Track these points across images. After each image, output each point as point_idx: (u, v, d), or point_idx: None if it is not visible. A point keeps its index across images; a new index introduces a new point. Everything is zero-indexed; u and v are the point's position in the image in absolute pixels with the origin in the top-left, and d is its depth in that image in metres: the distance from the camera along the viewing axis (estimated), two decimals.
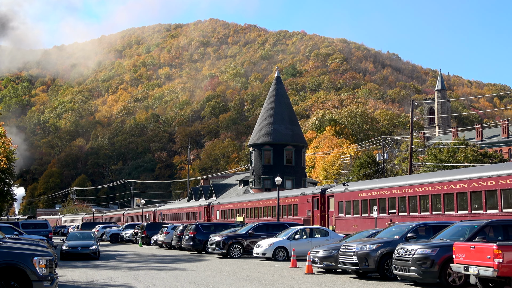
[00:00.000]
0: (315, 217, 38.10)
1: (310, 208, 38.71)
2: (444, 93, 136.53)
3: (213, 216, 58.42)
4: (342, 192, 35.19)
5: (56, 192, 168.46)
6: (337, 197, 35.74)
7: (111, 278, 20.08)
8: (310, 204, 38.86)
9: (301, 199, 40.35)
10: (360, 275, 19.95)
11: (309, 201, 39.08)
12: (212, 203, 59.46)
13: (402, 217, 28.66)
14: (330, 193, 37.01)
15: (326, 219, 37.06)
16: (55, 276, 12.94)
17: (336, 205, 35.66)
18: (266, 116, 63.29)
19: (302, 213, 39.79)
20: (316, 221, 37.55)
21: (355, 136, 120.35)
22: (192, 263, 26.69)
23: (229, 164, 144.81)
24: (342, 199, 34.99)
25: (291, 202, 42.17)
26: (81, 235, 32.72)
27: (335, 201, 35.78)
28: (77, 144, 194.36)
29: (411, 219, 27.64)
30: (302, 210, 39.87)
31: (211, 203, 60.16)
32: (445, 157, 59.20)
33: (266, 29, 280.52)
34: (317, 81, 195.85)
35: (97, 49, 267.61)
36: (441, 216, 26.60)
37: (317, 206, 38.09)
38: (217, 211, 57.36)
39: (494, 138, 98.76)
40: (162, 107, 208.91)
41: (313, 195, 38.50)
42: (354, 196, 33.70)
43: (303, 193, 40.40)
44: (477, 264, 14.56)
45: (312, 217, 38.24)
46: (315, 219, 37.99)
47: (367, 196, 32.40)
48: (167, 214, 76.00)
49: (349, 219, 33.50)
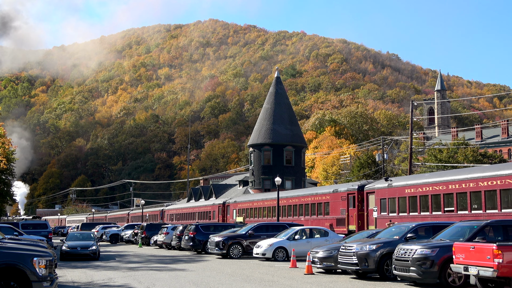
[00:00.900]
0: (351, 216, 34.74)
1: (345, 206, 35.19)
2: (443, 93, 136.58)
3: (228, 215, 55.25)
4: (385, 188, 31.56)
5: (56, 193, 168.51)
6: (379, 193, 32.12)
7: (111, 278, 20.08)
8: (344, 202, 35.33)
9: (334, 196, 36.79)
10: (360, 276, 19.94)
11: (343, 198, 35.52)
12: (228, 202, 56.31)
13: (461, 215, 25.16)
14: (369, 189, 33.36)
15: (365, 218, 33.37)
16: (55, 277, 12.94)
17: (377, 203, 32.20)
18: (265, 116, 63.30)
19: (334, 212, 36.37)
20: (352, 220, 34.34)
21: (354, 136, 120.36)
22: (192, 264, 26.69)
23: (228, 165, 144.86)
24: (385, 196, 31.43)
25: (320, 200, 38.54)
26: (81, 236, 32.72)
27: (376, 199, 32.26)
28: (77, 144, 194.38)
29: (473, 217, 23.63)
30: (334, 209, 36.42)
31: (226, 201, 56.89)
32: (444, 158, 59.22)
33: (266, 30, 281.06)
34: (316, 82, 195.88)
35: (97, 49, 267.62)
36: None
37: (353, 204, 34.54)
38: (233, 210, 54.16)
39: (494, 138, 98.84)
40: (162, 107, 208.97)
41: (349, 192, 35.08)
42: (400, 192, 30.14)
43: (336, 190, 36.78)
44: (477, 264, 14.56)
45: (347, 217, 34.78)
46: (350, 219, 34.71)
47: (416, 192, 28.88)
48: (176, 214, 72.65)
49: (394, 218, 29.82)
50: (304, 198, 41.03)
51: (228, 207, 55.72)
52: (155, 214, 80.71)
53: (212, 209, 59.52)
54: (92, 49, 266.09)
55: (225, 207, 56.30)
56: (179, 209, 72.91)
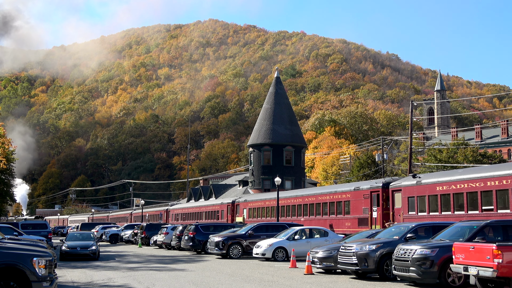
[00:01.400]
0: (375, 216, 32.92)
1: (368, 205, 33.27)
2: (443, 93, 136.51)
3: (238, 215, 53.14)
4: (413, 186, 29.56)
5: (56, 193, 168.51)
6: (406, 191, 30.08)
7: (111, 278, 20.08)
8: (367, 201, 33.37)
9: (355, 194, 34.79)
10: (359, 276, 19.94)
11: (366, 196, 33.54)
12: (238, 201, 53.98)
13: (502, 215, 23.27)
14: (395, 187, 31.30)
15: (391, 218, 31.36)
16: (55, 277, 12.94)
17: (404, 202, 30.10)
18: (265, 116, 63.30)
19: (356, 211, 34.33)
20: (376, 220, 32.33)
21: (354, 136, 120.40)
22: (192, 264, 26.69)
23: (228, 165, 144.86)
24: (413, 194, 29.42)
25: (340, 198, 36.39)
26: (81, 236, 32.72)
27: (403, 197, 30.26)
28: (76, 144, 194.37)
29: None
30: (356, 208, 34.38)
31: (235, 200, 54.63)
32: (444, 158, 59.20)
33: (266, 30, 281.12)
34: (316, 82, 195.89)
35: (97, 49, 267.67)
36: None
37: (377, 203, 32.63)
38: (243, 210, 51.83)
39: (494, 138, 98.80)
40: (162, 107, 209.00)
41: (372, 190, 33.07)
42: (431, 190, 28.08)
43: (358, 188, 34.83)
44: (477, 264, 14.56)
45: (371, 216, 32.93)
46: (374, 219, 32.89)
47: (449, 189, 26.87)
48: (182, 214, 70.13)
49: (424, 218, 27.75)
50: (321, 196, 39.00)
51: (238, 207, 53.70)
52: (159, 214, 79.01)
53: (221, 209, 57.32)
54: (92, 49, 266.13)
55: (235, 207, 54.30)
56: (184, 209, 70.60)
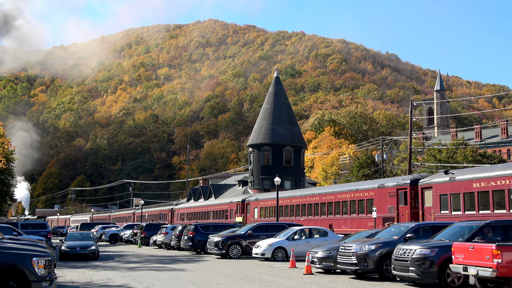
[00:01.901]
0: (402, 214, 30.87)
1: (394, 203, 31.50)
2: (443, 93, 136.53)
3: (249, 214, 51.05)
4: (446, 183, 27.58)
5: (55, 193, 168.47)
6: (438, 189, 28.12)
7: (110, 278, 20.08)
8: (393, 199, 31.62)
9: (379, 192, 33.10)
10: (359, 276, 19.95)
11: (391, 194, 31.86)
12: (248, 200, 51.91)
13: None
14: (425, 184, 29.34)
15: (421, 217, 29.39)
16: (54, 277, 12.94)
17: (436, 200, 28.09)
18: (265, 116, 63.32)
19: (380, 210, 32.62)
20: (404, 219, 30.37)
21: (354, 136, 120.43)
22: (191, 264, 26.69)
23: (228, 165, 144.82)
24: (446, 192, 27.47)
25: (362, 197, 34.71)
26: (80, 236, 32.73)
27: (434, 194, 28.31)
28: (76, 144, 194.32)
29: None
30: (380, 206, 32.68)
31: (246, 199, 52.58)
32: (444, 158, 59.19)
33: (265, 30, 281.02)
34: (316, 82, 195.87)
35: (97, 49, 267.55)
36: None
37: (404, 201, 30.81)
38: (254, 209, 49.73)
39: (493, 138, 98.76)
40: (161, 107, 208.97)
41: (398, 187, 31.33)
42: (466, 187, 26.05)
43: (382, 185, 33.06)
44: (476, 264, 14.56)
45: (397, 215, 31.04)
46: (401, 218, 30.79)
47: (488, 186, 24.85)
48: (188, 213, 67.90)
49: (459, 217, 25.51)
50: (340, 194, 37.05)
51: (248, 206, 51.63)
52: (163, 214, 77.14)
53: (230, 208, 55.35)
54: (91, 49, 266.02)
55: (245, 206, 52.31)
56: (190, 208, 68.05)
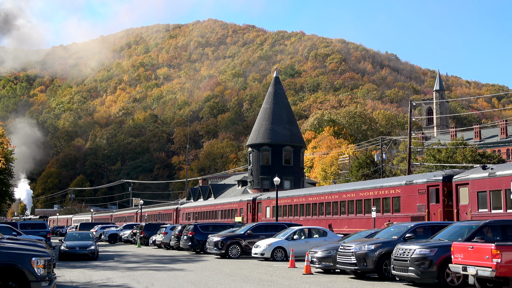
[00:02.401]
0: (433, 213, 28.53)
1: (424, 201, 29.26)
2: (442, 93, 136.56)
3: (260, 214, 48.67)
4: (485, 179, 25.44)
5: (55, 193, 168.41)
6: (475, 185, 25.91)
7: (110, 278, 20.08)
8: (423, 197, 29.37)
9: (407, 189, 30.76)
10: (358, 276, 19.95)
11: (421, 192, 29.53)
12: (260, 198, 49.47)
13: None
14: (460, 180, 27.01)
15: (455, 216, 27.06)
16: (53, 277, 12.94)
17: (473, 197, 25.95)
18: (264, 116, 63.33)
19: (408, 208, 30.41)
20: (436, 218, 28.04)
21: (353, 136, 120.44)
22: (191, 264, 26.69)
23: (227, 165, 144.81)
24: (485, 188, 25.36)
25: (388, 194, 32.38)
26: (80, 236, 32.72)
27: (471, 192, 26.12)
28: (75, 144, 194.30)
29: None
30: (408, 205, 30.47)
31: (257, 197, 50.03)
32: (443, 158, 59.20)
33: (265, 30, 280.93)
34: (315, 82, 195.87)
35: (96, 49, 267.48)
36: None
37: (435, 199, 28.46)
38: (266, 208, 47.43)
39: (493, 138, 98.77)
40: (161, 107, 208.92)
41: (429, 184, 28.92)
42: (508, 183, 23.39)
43: (411, 182, 30.67)
44: (476, 264, 14.56)
45: (428, 214, 28.77)
46: (432, 217, 28.48)
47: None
48: (194, 213, 65.39)
49: (500, 215, 23.83)
50: (362, 192, 35.01)
51: (260, 204, 49.19)
52: (168, 213, 74.74)
53: (239, 207, 52.83)
54: (91, 49, 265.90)
55: (256, 204, 49.74)
56: (197, 207, 65.59)
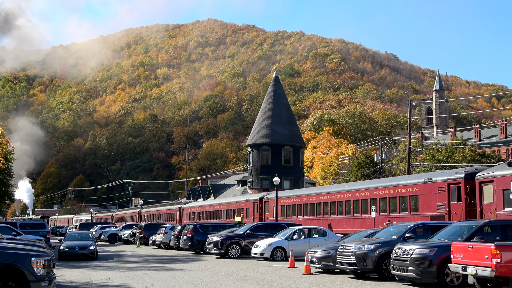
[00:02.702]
0: (455, 212, 27.13)
1: (444, 200, 27.76)
2: (442, 93, 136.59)
3: (267, 213, 47.16)
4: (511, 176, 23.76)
5: (54, 193, 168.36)
6: (501, 183, 24.27)
7: (109, 278, 20.07)
8: (443, 195, 27.83)
9: (426, 187, 29.21)
10: (358, 275, 19.96)
11: (441, 190, 27.99)
12: (267, 197, 47.94)
13: None
14: (484, 177, 25.47)
15: (479, 215, 25.72)
16: (53, 277, 12.94)
17: (498, 196, 24.45)
18: (264, 116, 63.33)
19: (427, 207, 28.90)
20: (457, 218, 26.50)
21: (353, 136, 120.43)
22: (190, 263, 26.69)
23: (227, 164, 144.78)
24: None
25: (405, 193, 30.93)
26: (79, 236, 32.71)
27: (496, 190, 24.62)
28: (75, 144, 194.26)
29: None
30: (427, 204, 28.94)
31: (264, 197, 48.47)
32: (443, 157, 59.21)
33: (264, 29, 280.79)
34: (315, 81, 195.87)
35: (96, 49, 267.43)
36: None
37: (457, 198, 27.07)
38: (273, 207, 45.33)
39: (492, 138, 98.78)
40: (160, 107, 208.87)
41: (450, 182, 27.51)
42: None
43: (430, 180, 29.11)
44: (475, 264, 14.56)
45: (449, 213, 27.38)
46: (454, 216, 27.04)
47: None
48: (198, 212, 64.26)
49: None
50: (377, 190, 33.44)
51: (267, 204, 47.78)
52: (171, 213, 73.43)
53: (245, 206, 51.72)
54: (90, 49, 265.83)
55: (263, 204, 48.41)
56: (201, 207, 64.51)
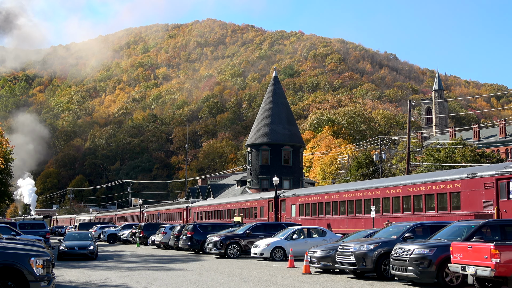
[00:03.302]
0: (505, 211, 24.52)
1: (491, 197, 25.13)
2: (441, 93, 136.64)
3: (284, 212, 45.19)
4: None
5: (54, 193, 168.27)
6: None
7: (109, 278, 20.06)
8: (490, 191, 25.13)
9: (469, 183, 26.41)
10: (357, 275, 19.96)
11: (488, 186, 25.35)
12: (283, 195, 45.70)
13: None
14: None
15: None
16: (52, 277, 12.93)
17: None
18: (263, 116, 63.33)
19: (470, 205, 26.27)
20: (509, 217, 24.04)
21: (352, 136, 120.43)
22: (190, 263, 26.69)
23: (226, 164, 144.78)
24: None
25: (443, 189, 28.03)
26: (79, 236, 32.70)
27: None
28: (74, 144, 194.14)
29: None
30: (470, 201, 26.26)
31: (280, 195, 46.04)
32: (442, 157, 59.23)
33: (264, 29, 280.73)
34: (314, 81, 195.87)
35: (95, 49, 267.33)
36: None
37: (507, 195, 24.66)
38: (291, 206, 43.52)
39: (492, 138, 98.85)
40: (160, 107, 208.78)
41: (499, 177, 24.87)
42: None
43: (474, 175, 26.29)
44: (475, 264, 14.57)
45: (498, 211, 24.73)
46: (503, 214, 24.50)
47: None
48: (207, 212, 61.78)
49: None
50: (410, 187, 30.52)
51: (283, 202, 45.43)
52: (178, 213, 71.60)
53: (259, 205, 49.61)
54: (90, 49, 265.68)
55: (279, 202, 46.16)
56: (210, 206, 61.95)
